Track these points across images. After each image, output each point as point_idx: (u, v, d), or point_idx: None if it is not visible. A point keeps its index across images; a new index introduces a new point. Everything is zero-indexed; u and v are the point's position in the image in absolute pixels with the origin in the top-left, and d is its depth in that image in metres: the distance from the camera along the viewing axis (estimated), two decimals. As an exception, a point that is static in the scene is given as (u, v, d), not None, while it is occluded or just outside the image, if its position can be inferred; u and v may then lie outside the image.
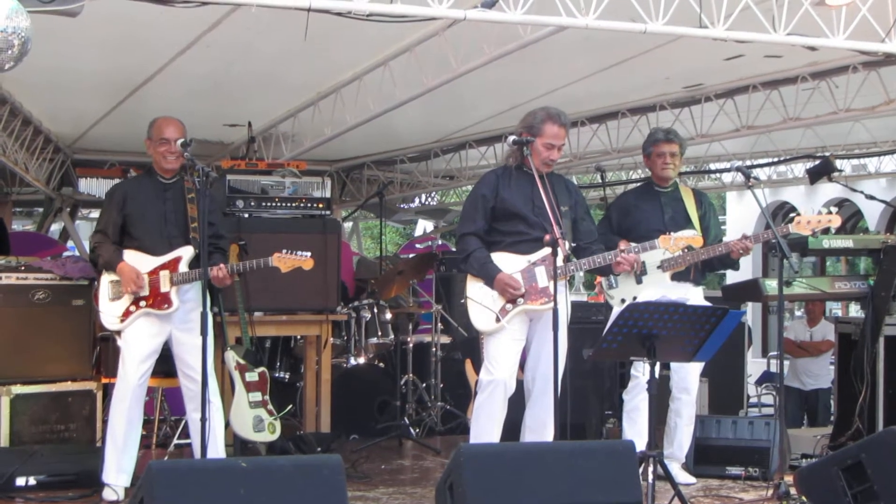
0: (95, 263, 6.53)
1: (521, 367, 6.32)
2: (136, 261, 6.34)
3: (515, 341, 6.20)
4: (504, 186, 6.28)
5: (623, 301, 6.64)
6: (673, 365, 6.89)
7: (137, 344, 6.31)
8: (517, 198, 6.24)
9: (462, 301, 6.39)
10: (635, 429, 6.69)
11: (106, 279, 6.40)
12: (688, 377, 6.86)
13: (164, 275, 6.28)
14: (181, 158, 6.35)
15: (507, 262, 6.18)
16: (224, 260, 6.50)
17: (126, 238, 6.44)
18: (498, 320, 6.12)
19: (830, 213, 6.45)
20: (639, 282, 6.71)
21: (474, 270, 6.21)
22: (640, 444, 6.13)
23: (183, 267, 6.32)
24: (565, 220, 6.15)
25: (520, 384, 6.28)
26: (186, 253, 6.35)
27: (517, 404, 6.29)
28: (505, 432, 6.21)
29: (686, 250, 6.50)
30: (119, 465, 6.30)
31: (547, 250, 5.99)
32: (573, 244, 6.25)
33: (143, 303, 6.29)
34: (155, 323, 6.32)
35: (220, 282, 6.32)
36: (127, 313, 6.31)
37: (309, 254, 6.32)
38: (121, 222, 6.42)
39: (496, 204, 6.26)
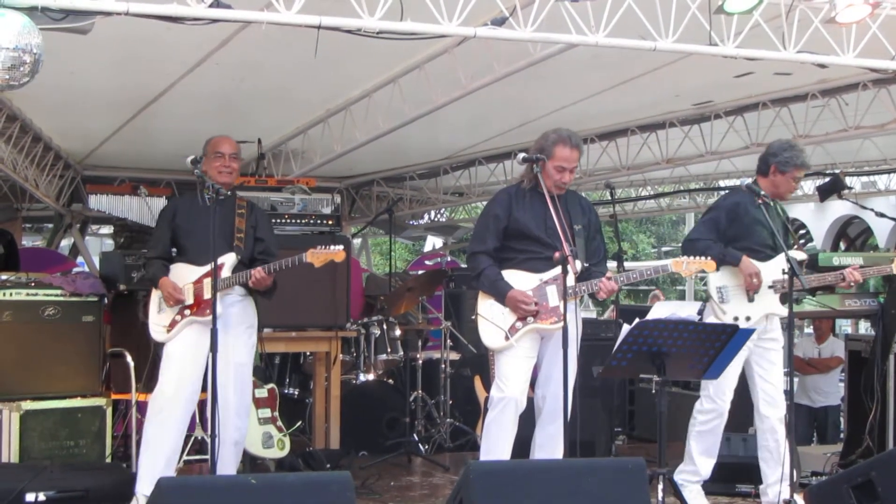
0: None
1: (532, 385, 6.30)
2: (183, 272, 6.43)
3: (526, 359, 6.17)
4: (517, 207, 6.23)
5: (735, 319, 6.41)
6: (757, 379, 6.64)
7: (180, 357, 6.33)
8: (530, 219, 6.19)
9: (472, 317, 6.36)
10: (706, 449, 6.65)
11: (156, 294, 6.49)
12: (775, 392, 6.61)
13: (208, 282, 6.25)
14: (235, 174, 6.55)
15: (519, 280, 6.15)
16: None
17: (177, 251, 6.57)
18: (507, 338, 6.10)
19: None
20: (750, 300, 6.52)
21: (486, 288, 6.19)
22: (708, 467, 6.24)
23: (226, 273, 6.33)
24: (578, 240, 6.12)
25: (530, 401, 6.25)
26: (229, 259, 6.36)
27: (527, 421, 6.27)
28: (515, 449, 6.18)
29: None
30: (153, 478, 6.20)
31: (558, 269, 5.90)
32: (585, 265, 6.22)
33: (187, 311, 6.35)
34: (202, 333, 6.25)
35: (259, 283, 6.29)
36: (173, 324, 6.37)
37: (341, 246, 6.21)
38: (170, 235, 6.54)
39: (509, 224, 6.22)
